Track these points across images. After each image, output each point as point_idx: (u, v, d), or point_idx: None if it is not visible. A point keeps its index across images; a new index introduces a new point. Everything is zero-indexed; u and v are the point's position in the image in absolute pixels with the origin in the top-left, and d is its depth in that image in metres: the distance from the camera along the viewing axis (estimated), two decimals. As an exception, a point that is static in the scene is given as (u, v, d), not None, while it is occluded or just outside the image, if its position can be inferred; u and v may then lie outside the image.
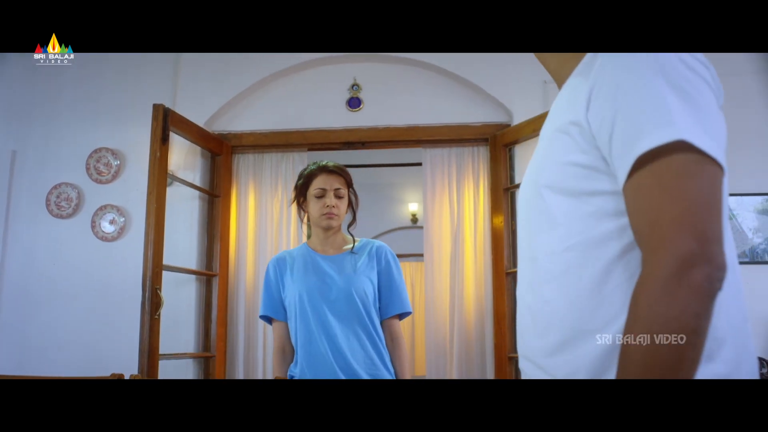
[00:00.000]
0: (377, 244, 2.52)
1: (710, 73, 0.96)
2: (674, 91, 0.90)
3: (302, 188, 2.50)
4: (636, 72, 0.93)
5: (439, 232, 3.98)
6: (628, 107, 0.92)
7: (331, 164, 2.50)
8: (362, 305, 2.37)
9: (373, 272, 2.43)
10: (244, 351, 3.90)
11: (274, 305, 2.48)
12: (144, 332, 3.21)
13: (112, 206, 3.83)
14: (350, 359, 2.31)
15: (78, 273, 3.81)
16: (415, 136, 3.99)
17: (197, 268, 3.88)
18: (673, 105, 0.89)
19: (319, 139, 4.04)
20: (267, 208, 4.08)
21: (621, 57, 0.96)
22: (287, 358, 2.46)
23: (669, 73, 0.91)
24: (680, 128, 0.87)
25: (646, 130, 0.88)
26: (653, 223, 0.86)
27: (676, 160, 0.87)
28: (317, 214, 2.45)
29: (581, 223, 0.98)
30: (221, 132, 4.03)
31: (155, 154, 3.32)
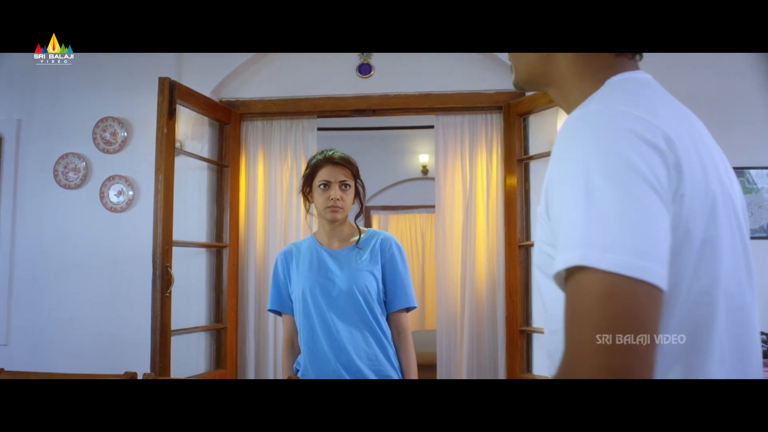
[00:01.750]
0: (382, 236, 2.46)
1: (657, 132, 0.83)
2: (592, 200, 0.79)
3: (308, 178, 2.45)
4: (567, 178, 0.83)
5: (451, 203, 3.93)
6: (558, 213, 0.84)
7: (338, 155, 2.44)
8: (365, 302, 2.34)
9: (376, 267, 2.39)
10: (255, 321, 3.92)
11: (282, 299, 2.47)
12: (156, 310, 3.21)
13: (120, 177, 3.78)
14: (353, 357, 2.29)
15: (88, 244, 3.79)
16: (427, 104, 3.89)
17: (207, 239, 3.86)
18: (585, 219, 0.78)
19: (329, 106, 3.95)
20: (276, 176, 4.02)
21: (562, 148, 0.87)
22: (296, 350, 2.47)
23: (592, 180, 0.80)
24: (584, 251, 0.77)
25: (561, 249, 0.80)
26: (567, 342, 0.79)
27: (582, 285, 0.77)
28: (322, 206, 2.40)
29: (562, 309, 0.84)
30: (229, 99, 3.94)
31: (162, 130, 3.25)
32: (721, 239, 0.87)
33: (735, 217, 0.92)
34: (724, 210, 0.89)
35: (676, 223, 0.82)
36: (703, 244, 0.85)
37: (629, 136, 0.82)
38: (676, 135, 0.85)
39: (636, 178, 0.79)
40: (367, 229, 2.50)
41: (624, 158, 0.80)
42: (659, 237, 0.78)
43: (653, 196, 0.79)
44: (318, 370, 2.32)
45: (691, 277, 0.84)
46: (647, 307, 0.76)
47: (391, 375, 2.35)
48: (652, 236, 0.78)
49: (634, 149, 0.81)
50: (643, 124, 0.83)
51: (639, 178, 0.79)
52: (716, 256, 0.86)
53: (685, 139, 0.86)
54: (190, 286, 3.69)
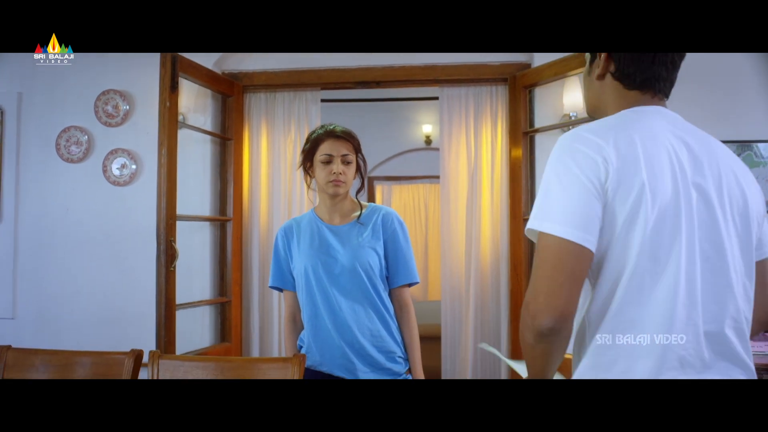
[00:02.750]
0: (384, 211, 2.43)
1: (598, 150, 1.25)
2: (547, 191, 1.27)
3: (309, 153, 2.41)
4: (544, 174, 1.31)
5: (456, 175, 3.91)
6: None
7: (339, 129, 2.39)
8: (367, 279, 2.33)
9: (378, 243, 2.37)
10: (259, 295, 3.93)
11: (283, 276, 2.45)
12: (160, 284, 3.21)
13: (123, 150, 3.76)
14: (356, 333, 2.30)
15: (92, 218, 3.78)
16: (431, 75, 3.85)
17: (210, 213, 3.85)
18: (542, 202, 1.28)
19: (333, 78, 3.91)
20: (280, 148, 4.00)
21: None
22: (298, 326, 2.47)
23: (548, 179, 1.28)
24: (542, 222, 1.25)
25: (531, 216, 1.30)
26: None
27: (542, 241, 1.25)
28: (323, 181, 2.37)
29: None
30: (231, 71, 3.90)
31: (164, 104, 3.22)
32: (647, 219, 1.23)
33: (696, 205, 1.27)
34: (688, 202, 1.26)
35: (611, 206, 1.23)
36: (625, 221, 1.23)
37: (574, 151, 1.26)
38: (616, 152, 1.24)
39: (573, 174, 1.23)
40: (368, 204, 2.47)
41: (566, 165, 1.25)
42: (590, 216, 1.22)
43: (586, 191, 1.22)
44: (321, 347, 2.33)
45: (618, 239, 1.24)
46: (580, 257, 1.21)
47: (395, 351, 2.35)
48: (584, 216, 1.21)
49: (574, 160, 1.25)
50: (587, 143, 1.26)
51: (576, 175, 1.23)
52: (636, 230, 1.23)
53: (629, 155, 1.24)
54: (193, 260, 3.69)
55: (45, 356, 2.30)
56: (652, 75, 1.39)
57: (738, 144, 3.53)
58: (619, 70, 1.40)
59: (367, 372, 2.30)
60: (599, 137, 1.26)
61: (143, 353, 2.25)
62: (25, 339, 3.75)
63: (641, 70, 1.38)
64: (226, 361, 2.25)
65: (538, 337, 1.22)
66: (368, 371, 2.31)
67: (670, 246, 1.23)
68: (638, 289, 1.24)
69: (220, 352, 3.70)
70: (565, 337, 1.24)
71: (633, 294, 1.24)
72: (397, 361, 2.36)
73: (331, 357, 2.32)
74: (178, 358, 2.27)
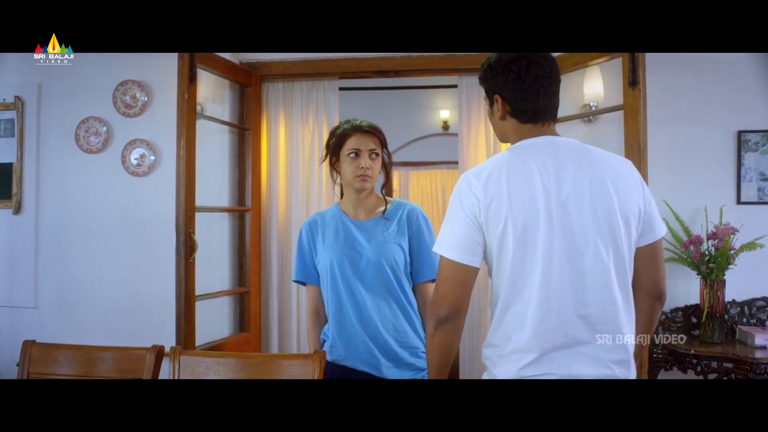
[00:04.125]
0: (409, 207, 2.44)
1: (474, 190, 1.67)
2: (445, 223, 1.73)
3: (335, 148, 2.40)
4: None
5: (475, 163, 3.88)
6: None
7: (366, 123, 2.40)
8: (392, 274, 2.33)
9: (404, 238, 2.37)
10: (278, 285, 3.94)
11: (307, 270, 2.46)
12: (180, 276, 3.22)
13: (142, 141, 3.77)
14: (380, 328, 2.31)
15: (112, 208, 3.81)
16: (451, 64, 3.82)
17: (229, 203, 3.86)
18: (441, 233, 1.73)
19: (351, 67, 3.88)
20: (298, 138, 4.00)
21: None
22: (321, 320, 2.48)
23: (450, 203, 1.73)
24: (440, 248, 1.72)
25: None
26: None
27: (442, 261, 1.71)
28: (351, 175, 2.36)
29: None
30: (249, 61, 3.89)
31: (183, 95, 3.21)
32: (518, 234, 1.64)
33: (569, 234, 1.64)
34: (549, 221, 1.63)
35: (487, 232, 1.66)
36: (499, 241, 1.65)
37: (461, 190, 1.70)
38: (492, 188, 1.65)
39: (460, 211, 1.68)
40: (392, 200, 2.47)
41: (456, 202, 1.70)
42: (471, 242, 1.67)
43: (469, 222, 1.67)
44: (346, 341, 2.34)
45: (498, 255, 1.67)
46: (463, 273, 1.68)
47: (418, 346, 2.36)
48: (466, 242, 1.67)
49: (462, 197, 1.69)
50: (469, 184, 1.68)
51: (462, 212, 1.68)
52: (507, 248, 1.65)
53: (496, 193, 1.65)
54: (213, 251, 3.70)
55: (68, 351, 2.33)
56: (539, 108, 1.75)
57: (762, 134, 3.49)
58: (514, 110, 1.76)
59: (390, 367, 2.32)
60: (477, 180, 1.68)
61: (164, 349, 2.27)
62: (47, 328, 3.80)
63: (530, 106, 1.74)
64: (246, 358, 2.26)
65: (436, 324, 1.69)
66: (391, 366, 2.32)
67: (533, 255, 1.63)
68: (515, 289, 1.66)
69: (239, 342, 3.72)
70: (457, 328, 1.71)
71: (512, 291, 1.66)
72: (420, 356, 2.36)
73: (355, 351, 2.33)
74: (198, 354, 2.28)
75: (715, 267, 3.23)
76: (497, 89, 1.77)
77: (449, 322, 1.68)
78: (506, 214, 1.63)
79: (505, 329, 1.67)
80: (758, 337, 3.15)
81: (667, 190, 3.43)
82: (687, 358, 3.14)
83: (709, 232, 3.28)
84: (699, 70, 3.51)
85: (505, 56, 1.77)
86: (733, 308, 3.43)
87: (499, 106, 1.78)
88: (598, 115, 3.56)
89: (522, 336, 1.63)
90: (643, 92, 2.98)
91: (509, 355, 1.66)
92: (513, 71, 1.74)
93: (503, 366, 1.68)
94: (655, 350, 3.26)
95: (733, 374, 3.01)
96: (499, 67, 1.75)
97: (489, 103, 1.83)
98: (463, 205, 1.67)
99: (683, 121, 3.54)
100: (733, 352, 3.09)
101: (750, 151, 3.49)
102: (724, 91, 3.52)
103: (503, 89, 1.76)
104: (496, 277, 1.70)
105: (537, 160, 1.68)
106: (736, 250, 3.25)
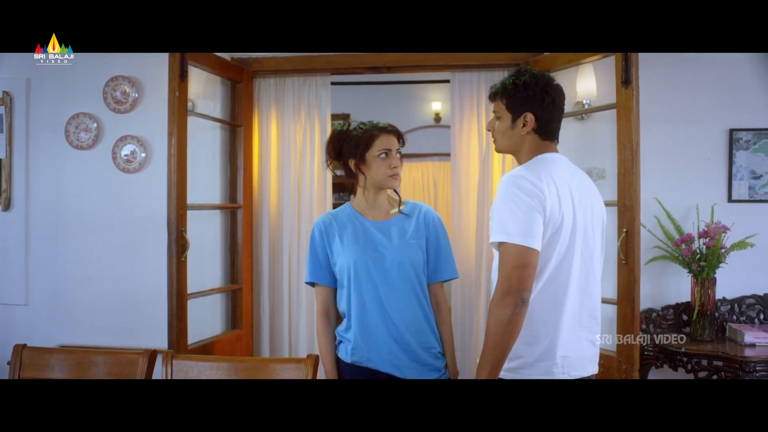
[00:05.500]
0: (425, 209, 2.46)
1: (536, 186, 1.85)
2: (502, 212, 1.86)
3: (361, 150, 2.38)
4: (495, 203, 1.92)
5: (467, 158, 3.90)
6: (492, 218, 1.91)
7: (387, 124, 2.42)
8: (415, 275, 2.35)
9: (422, 239, 2.39)
10: (270, 281, 3.94)
11: (321, 271, 2.43)
12: (172, 275, 3.21)
13: (132, 137, 3.74)
14: (402, 329, 2.31)
15: (103, 205, 3.78)
16: (443, 61, 3.80)
17: (221, 199, 3.85)
18: (498, 220, 1.87)
19: (343, 63, 3.86)
20: (290, 134, 3.98)
21: (499, 189, 1.94)
22: (332, 321, 2.46)
23: (500, 206, 1.88)
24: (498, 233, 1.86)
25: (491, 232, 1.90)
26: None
27: (503, 248, 1.85)
28: (383, 175, 2.36)
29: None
30: (241, 57, 3.86)
31: (174, 94, 3.19)
32: (566, 233, 1.89)
33: (585, 230, 1.95)
34: (577, 224, 1.92)
35: (545, 221, 1.84)
36: (553, 233, 1.86)
37: (519, 185, 1.85)
38: (547, 187, 1.85)
39: (526, 201, 1.82)
40: (405, 201, 2.48)
41: (515, 194, 1.84)
42: (534, 227, 1.81)
43: (534, 210, 1.82)
44: (369, 343, 2.33)
45: (550, 245, 1.87)
46: (531, 255, 1.80)
47: (435, 346, 2.38)
48: (531, 227, 1.81)
49: (521, 189, 1.84)
50: (527, 182, 1.85)
51: (529, 201, 1.82)
52: (561, 240, 1.88)
53: (552, 189, 1.86)
54: (204, 247, 3.69)
55: (60, 355, 2.32)
56: (556, 128, 2.02)
57: (754, 132, 3.50)
58: (542, 128, 1.99)
59: (412, 368, 2.32)
60: (536, 178, 1.86)
61: (157, 354, 2.26)
62: (38, 326, 3.79)
63: (555, 127, 2.01)
64: (239, 361, 2.27)
65: (515, 307, 1.78)
66: (412, 367, 2.32)
67: (570, 255, 1.91)
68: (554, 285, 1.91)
69: (231, 340, 3.72)
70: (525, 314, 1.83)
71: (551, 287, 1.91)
72: (438, 357, 2.39)
73: (378, 353, 2.32)
74: (191, 358, 2.28)
75: (706, 265, 3.25)
76: (531, 107, 1.97)
77: (526, 305, 1.80)
78: (562, 213, 1.87)
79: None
80: (748, 334, 3.18)
81: (659, 188, 3.45)
82: (678, 356, 3.17)
83: (700, 231, 3.30)
84: (691, 68, 3.51)
85: (541, 78, 1.99)
86: (723, 306, 3.46)
87: (529, 122, 1.98)
88: (591, 113, 3.56)
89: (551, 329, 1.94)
90: (636, 91, 2.98)
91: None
92: (550, 95, 1.98)
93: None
94: (647, 348, 3.28)
95: (723, 372, 3.04)
96: (537, 88, 1.97)
97: (512, 118, 2.00)
98: (530, 196, 1.83)
99: (675, 119, 3.55)
100: (723, 350, 3.12)
101: (741, 149, 3.50)
102: (716, 89, 3.52)
103: (538, 108, 1.97)
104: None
105: (562, 170, 1.96)
106: (727, 249, 3.27)
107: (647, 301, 3.46)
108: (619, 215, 3.05)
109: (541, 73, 2.04)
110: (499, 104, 2.05)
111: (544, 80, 2.00)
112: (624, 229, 3.00)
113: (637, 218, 2.98)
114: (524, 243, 1.78)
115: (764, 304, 3.46)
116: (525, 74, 2.00)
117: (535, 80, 1.98)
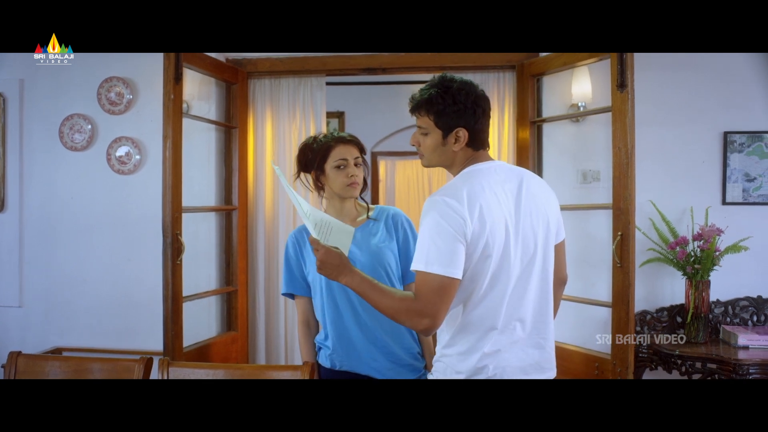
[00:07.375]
0: (392, 212, 2.49)
1: (457, 212, 1.75)
2: (423, 240, 1.77)
3: (319, 162, 2.42)
4: (419, 230, 1.82)
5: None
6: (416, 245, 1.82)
7: (346, 134, 2.46)
8: (387, 278, 2.36)
9: (392, 243, 2.42)
10: (265, 283, 3.93)
11: (296, 282, 2.47)
12: (167, 278, 3.20)
13: (127, 138, 3.73)
14: (380, 332, 2.34)
15: (98, 207, 3.77)
16: (438, 62, 3.79)
17: (216, 201, 3.84)
18: (420, 249, 1.77)
19: (338, 64, 3.86)
20: (285, 135, 3.97)
21: (422, 214, 1.82)
22: (312, 331, 2.50)
23: (423, 233, 1.78)
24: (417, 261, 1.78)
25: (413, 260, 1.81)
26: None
27: (421, 275, 1.76)
28: (341, 185, 2.39)
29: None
30: (235, 58, 3.85)
31: (169, 96, 3.17)
32: (498, 247, 1.79)
33: (524, 235, 1.85)
34: (510, 233, 1.81)
35: (468, 247, 1.76)
36: (482, 253, 1.77)
37: (441, 212, 1.75)
38: (469, 210, 1.75)
39: (442, 231, 1.73)
40: (374, 206, 2.52)
41: (437, 221, 1.74)
42: (455, 256, 1.73)
43: (455, 240, 1.73)
44: (348, 348, 2.36)
45: (477, 268, 1.79)
46: (451, 285, 1.74)
47: (414, 347, 2.41)
48: (451, 257, 1.73)
49: (443, 216, 1.74)
50: (448, 208, 1.75)
51: (444, 232, 1.73)
52: (493, 257, 1.79)
53: (475, 210, 1.76)
54: (199, 249, 3.68)
55: (55, 362, 2.32)
56: (486, 136, 1.91)
57: (748, 135, 3.51)
58: (473, 140, 1.87)
59: (392, 369, 2.35)
60: (459, 202, 1.75)
61: (153, 361, 2.26)
62: (32, 327, 3.78)
63: (486, 136, 1.90)
64: (236, 369, 2.27)
65: (427, 329, 1.76)
66: (392, 368, 2.35)
67: (507, 266, 1.82)
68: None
69: (226, 342, 3.72)
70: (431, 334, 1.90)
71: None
72: (418, 357, 2.42)
73: (358, 358, 2.35)
74: (187, 365, 2.28)
75: (701, 268, 3.26)
76: (462, 122, 1.84)
77: (433, 330, 1.78)
78: (485, 232, 1.77)
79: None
80: (741, 336, 3.19)
81: (654, 191, 3.46)
82: (672, 358, 3.18)
83: (694, 233, 3.31)
84: (686, 71, 3.52)
85: (470, 89, 1.85)
86: (717, 308, 3.47)
87: (462, 138, 1.85)
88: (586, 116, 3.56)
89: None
90: (631, 95, 2.98)
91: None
92: (481, 106, 1.86)
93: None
94: (641, 350, 3.30)
95: (717, 374, 3.05)
96: (468, 102, 1.83)
97: (442, 134, 1.86)
98: (451, 223, 1.73)
99: (670, 122, 3.55)
100: (716, 352, 3.13)
101: (735, 152, 3.51)
102: (710, 92, 3.53)
103: (470, 122, 1.85)
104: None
105: (492, 180, 1.84)
106: (721, 252, 3.28)
107: (642, 303, 3.47)
108: (614, 219, 3.05)
109: (467, 81, 1.88)
110: (426, 120, 1.88)
111: (474, 91, 1.86)
112: (619, 233, 3.01)
113: (632, 222, 2.98)
114: (445, 273, 1.71)
115: (758, 306, 3.48)
116: (452, 85, 1.84)
117: (465, 92, 1.83)
